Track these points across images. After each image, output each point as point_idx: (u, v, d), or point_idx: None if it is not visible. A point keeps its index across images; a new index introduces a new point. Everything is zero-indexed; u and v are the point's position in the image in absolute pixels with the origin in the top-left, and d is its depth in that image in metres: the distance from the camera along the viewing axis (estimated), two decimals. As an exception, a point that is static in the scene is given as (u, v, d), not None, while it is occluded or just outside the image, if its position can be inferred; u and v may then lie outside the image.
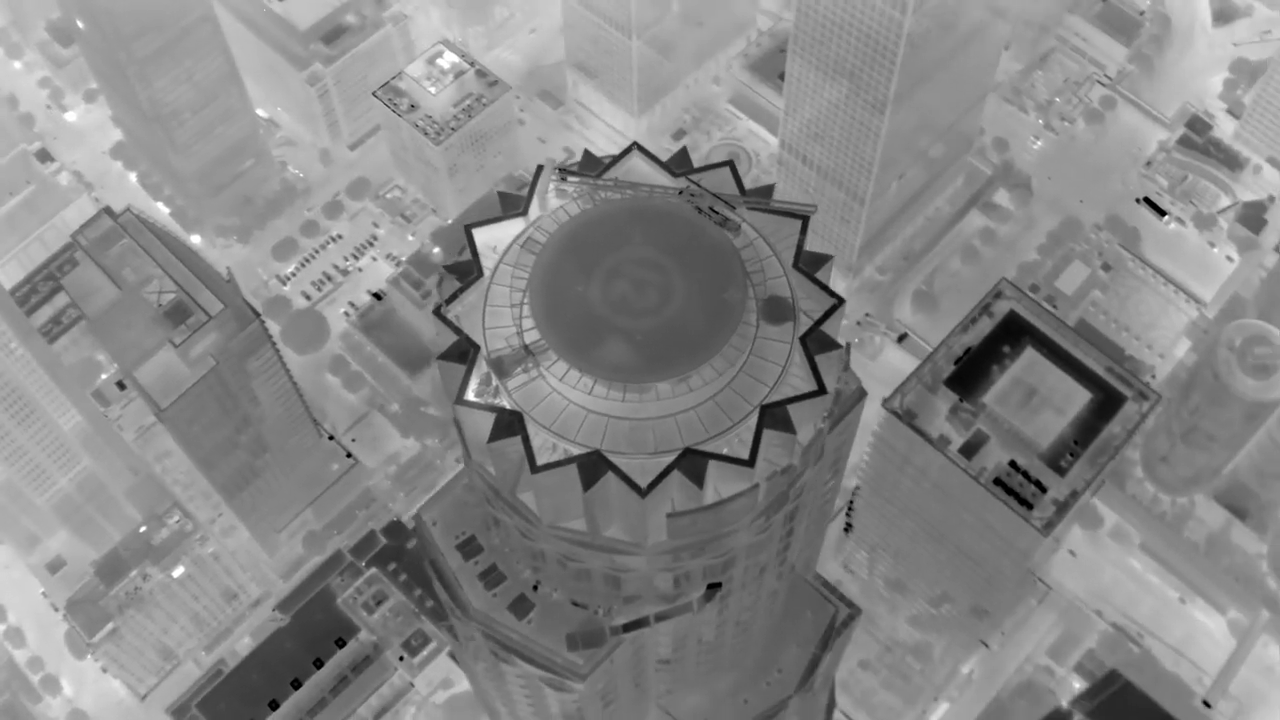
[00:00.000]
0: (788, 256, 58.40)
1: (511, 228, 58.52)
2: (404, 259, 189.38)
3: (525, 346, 54.45)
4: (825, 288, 58.10)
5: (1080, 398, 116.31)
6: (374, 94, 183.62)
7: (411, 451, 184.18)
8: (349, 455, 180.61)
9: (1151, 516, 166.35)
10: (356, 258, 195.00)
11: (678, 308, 54.77)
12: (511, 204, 59.10)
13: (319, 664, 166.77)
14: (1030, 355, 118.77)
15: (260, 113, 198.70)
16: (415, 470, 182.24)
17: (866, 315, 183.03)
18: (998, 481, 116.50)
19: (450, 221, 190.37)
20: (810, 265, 58.44)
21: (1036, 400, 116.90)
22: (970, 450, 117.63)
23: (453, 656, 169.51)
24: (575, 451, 53.73)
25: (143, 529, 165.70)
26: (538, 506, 57.61)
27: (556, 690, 68.47)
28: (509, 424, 53.72)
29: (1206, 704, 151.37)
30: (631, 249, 56.14)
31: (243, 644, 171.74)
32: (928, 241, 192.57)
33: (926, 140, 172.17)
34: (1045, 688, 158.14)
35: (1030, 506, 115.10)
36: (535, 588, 65.50)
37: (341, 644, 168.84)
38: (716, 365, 54.36)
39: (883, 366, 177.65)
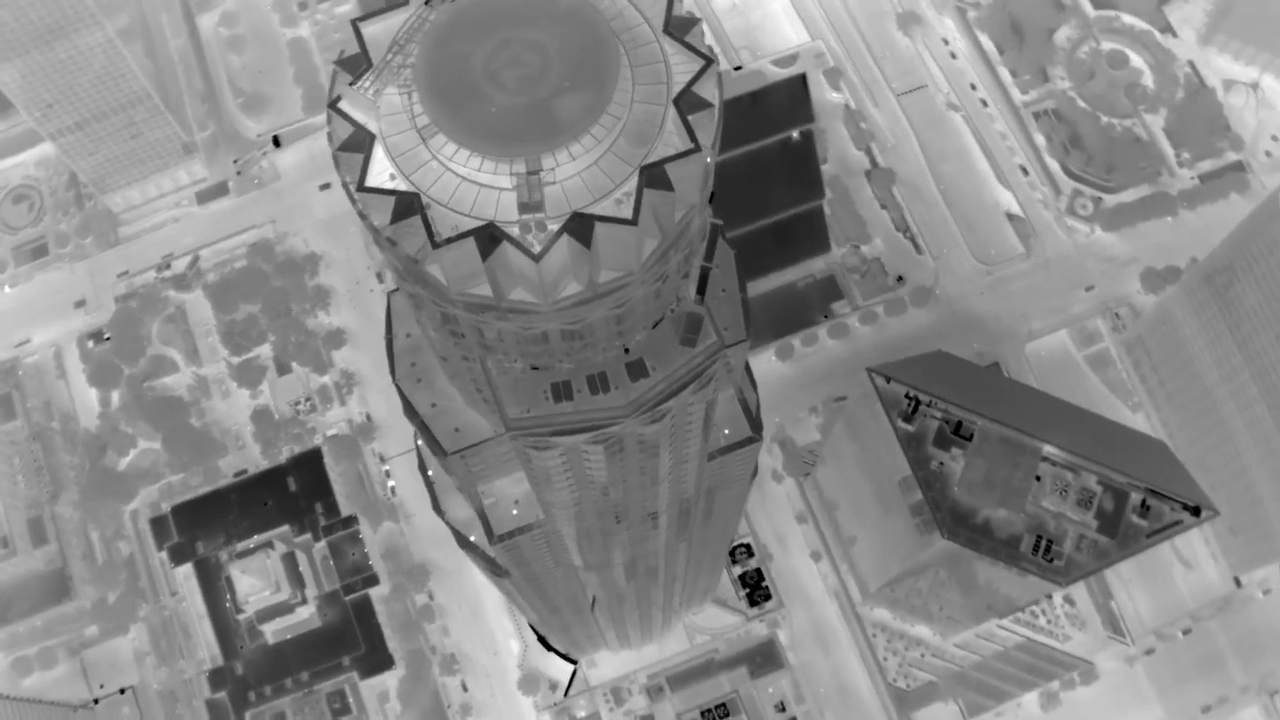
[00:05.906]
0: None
1: (379, 151, 58.74)
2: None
3: (526, 171, 56.50)
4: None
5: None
6: None
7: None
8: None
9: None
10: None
11: (556, 43, 57.80)
12: (357, 142, 58.80)
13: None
14: None
15: None
16: (168, 637, 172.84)
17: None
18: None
19: None
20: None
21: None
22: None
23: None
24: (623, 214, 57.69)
25: None
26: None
27: (719, 378, 75.44)
28: (584, 229, 56.64)
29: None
30: (480, 49, 57.72)
31: None
32: None
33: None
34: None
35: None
36: (626, 350, 69.29)
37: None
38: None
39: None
